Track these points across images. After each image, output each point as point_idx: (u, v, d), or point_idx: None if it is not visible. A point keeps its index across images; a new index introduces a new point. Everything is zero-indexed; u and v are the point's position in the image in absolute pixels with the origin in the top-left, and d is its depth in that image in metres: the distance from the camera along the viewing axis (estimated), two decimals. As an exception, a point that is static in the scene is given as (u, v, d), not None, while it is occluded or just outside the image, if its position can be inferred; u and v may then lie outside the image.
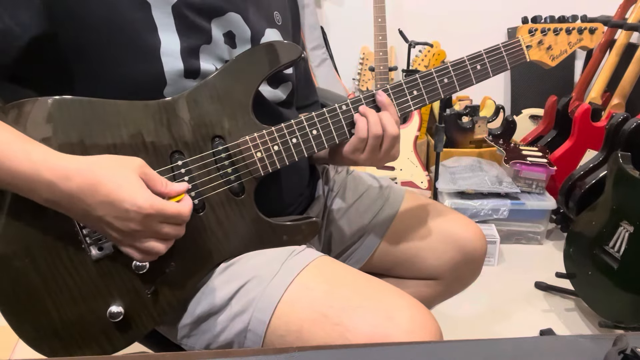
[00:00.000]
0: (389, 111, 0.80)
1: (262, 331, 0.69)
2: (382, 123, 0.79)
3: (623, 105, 2.08)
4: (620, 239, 1.42)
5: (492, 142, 2.23)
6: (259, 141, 0.75)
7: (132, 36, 0.69)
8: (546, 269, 1.80)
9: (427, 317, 0.69)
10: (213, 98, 0.73)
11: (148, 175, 0.64)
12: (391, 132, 0.79)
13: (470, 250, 0.97)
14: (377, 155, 0.81)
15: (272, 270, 0.73)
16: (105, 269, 0.69)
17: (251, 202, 0.76)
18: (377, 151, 0.80)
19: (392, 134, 0.79)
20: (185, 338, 0.76)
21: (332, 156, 0.88)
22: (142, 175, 0.63)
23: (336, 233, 0.99)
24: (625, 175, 1.43)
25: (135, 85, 0.70)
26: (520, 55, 0.88)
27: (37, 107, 0.65)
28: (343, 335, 0.66)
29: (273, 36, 0.85)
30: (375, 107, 0.81)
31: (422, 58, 2.45)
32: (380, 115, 0.79)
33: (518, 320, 1.64)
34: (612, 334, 0.53)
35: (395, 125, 0.79)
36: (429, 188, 2.13)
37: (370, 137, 0.79)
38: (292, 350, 0.53)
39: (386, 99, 0.80)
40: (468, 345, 0.54)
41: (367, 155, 0.80)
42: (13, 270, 0.66)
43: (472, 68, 0.85)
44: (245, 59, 0.76)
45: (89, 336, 0.70)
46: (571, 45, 0.90)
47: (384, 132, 0.79)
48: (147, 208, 0.61)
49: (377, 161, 0.82)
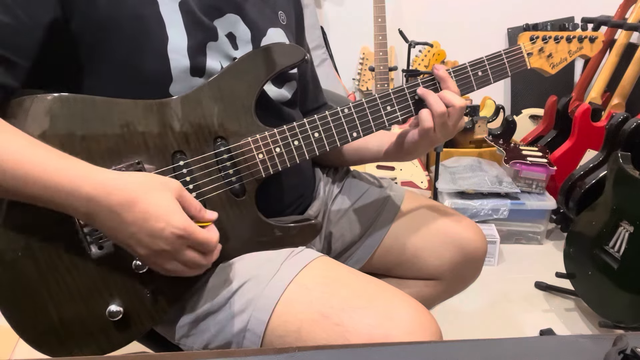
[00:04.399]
0: (448, 85, 0.81)
1: (261, 331, 0.69)
2: (447, 100, 0.80)
3: (623, 105, 2.08)
4: (620, 239, 1.42)
5: (492, 142, 2.23)
6: (261, 143, 0.75)
7: (140, 32, 0.69)
8: (546, 269, 1.80)
9: (427, 317, 0.69)
10: (216, 99, 0.73)
11: (184, 198, 0.64)
12: (458, 104, 0.80)
13: (470, 250, 0.97)
14: (448, 129, 0.82)
15: (271, 270, 0.73)
16: (105, 268, 0.69)
17: (252, 203, 0.76)
18: (447, 125, 0.81)
19: (460, 105, 0.80)
20: (184, 338, 0.76)
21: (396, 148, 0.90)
22: (179, 197, 0.63)
23: (336, 233, 0.99)
24: (625, 175, 1.43)
25: (141, 81, 0.70)
26: (521, 63, 0.88)
27: (37, 103, 0.65)
28: (343, 335, 0.66)
29: (276, 35, 0.85)
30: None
31: (422, 58, 2.45)
32: (442, 93, 0.81)
33: (518, 320, 1.64)
34: (612, 334, 0.53)
35: (459, 97, 0.81)
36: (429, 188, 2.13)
37: (436, 116, 0.80)
38: (292, 350, 0.53)
39: (443, 72, 0.82)
40: (468, 345, 0.54)
41: (439, 131, 0.81)
42: (13, 268, 0.66)
43: (473, 74, 0.85)
44: (249, 61, 0.76)
45: (88, 335, 0.70)
46: (571, 53, 0.92)
47: (450, 108, 0.80)
48: (180, 229, 0.61)
49: (449, 134, 0.83)
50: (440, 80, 0.82)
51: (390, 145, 0.92)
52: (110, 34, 0.68)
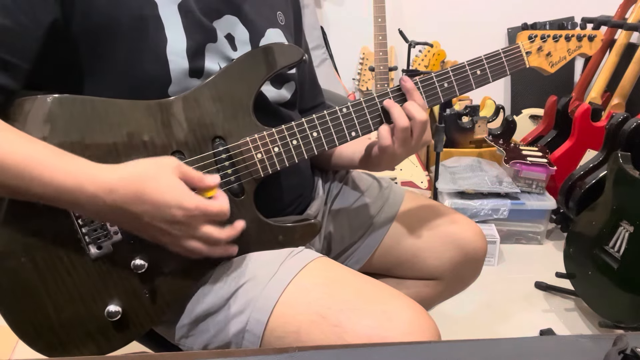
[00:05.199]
0: (414, 98, 0.80)
1: (260, 331, 0.69)
2: (408, 112, 0.78)
3: (623, 105, 2.08)
4: (620, 239, 1.42)
5: (492, 142, 2.23)
6: (260, 142, 0.75)
7: (139, 34, 0.69)
8: (546, 269, 1.80)
9: (426, 318, 0.69)
10: (214, 99, 0.73)
11: (184, 173, 0.65)
12: (420, 118, 0.78)
13: (470, 250, 0.97)
14: (409, 144, 0.80)
15: (271, 271, 0.73)
16: (103, 268, 0.69)
17: (251, 203, 0.76)
18: (409, 141, 0.80)
19: (421, 119, 0.78)
20: (183, 338, 0.76)
21: (365, 158, 0.89)
22: (180, 175, 0.64)
23: (336, 233, 0.99)
24: (625, 175, 1.42)
25: (140, 83, 0.70)
26: (520, 61, 0.88)
27: (37, 105, 0.65)
28: (341, 336, 0.66)
29: (275, 36, 0.85)
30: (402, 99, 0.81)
31: (422, 58, 2.45)
32: (406, 105, 0.79)
33: (518, 320, 1.64)
34: (612, 334, 0.53)
35: (422, 111, 0.79)
36: (429, 188, 2.12)
37: (397, 130, 0.78)
38: (292, 350, 0.52)
39: (410, 84, 0.80)
40: (468, 345, 0.54)
41: (399, 147, 0.80)
42: (11, 269, 0.66)
43: (472, 73, 0.85)
44: (247, 61, 0.76)
45: (87, 335, 0.70)
46: (570, 52, 0.91)
47: (412, 121, 0.78)
48: (193, 209, 0.62)
49: (411, 150, 0.82)
50: (406, 92, 0.80)
51: (361, 156, 0.91)
52: (109, 36, 0.68)
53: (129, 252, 0.69)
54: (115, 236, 0.69)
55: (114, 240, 0.69)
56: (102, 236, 0.68)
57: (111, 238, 0.69)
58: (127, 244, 0.69)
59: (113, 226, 0.68)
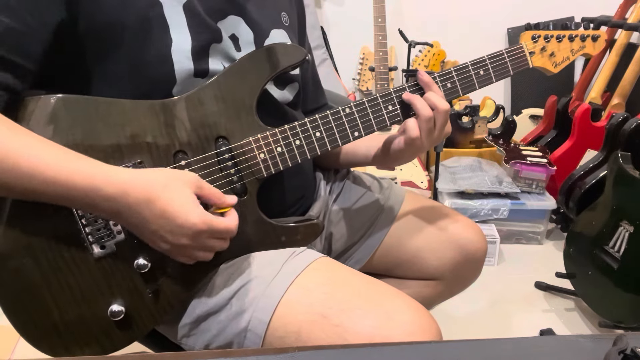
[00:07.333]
0: (432, 89, 0.81)
1: (262, 331, 0.69)
2: (431, 102, 0.80)
3: (623, 105, 2.08)
4: (620, 239, 1.42)
5: (492, 142, 2.23)
6: (262, 142, 0.75)
7: (144, 34, 0.69)
8: (546, 269, 1.80)
9: (427, 318, 0.69)
10: (217, 99, 0.73)
11: (203, 190, 0.66)
12: (442, 107, 0.79)
13: (470, 251, 0.97)
14: (433, 135, 0.81)
15: (273, 270, 0.73)
16: (107, 268, 0.69)
17: (254, 203, 0.76)
18: (432, 131, 0.81)
19: (444, 108, 0.80)
20: (185, 338, 0.76)
21: (382, 153, 0.90)
22: (197, 189, 0.65)
23: (337, 233, 0.99)
24: (625, 175, 1.43)
25: (145, 83, 0.70)
26: (523, 62, 0.88)
27: (40, 105, 0.65)
28: (342, 336, 0.66)
29: (279, 36, 0.85)
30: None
31: (422, 58, 2.45)
32: (426, 96, 0.80)
33: (518, 320, 1.64)
34: (612, 334, 0.53)
35: (444, 100, 0.81)
36: (429, 188, 2.13)
37: (422, 121, 0.79)
38: (292, 350, 0.53)
39: (427, 78, 0.81)
40: (468, 345, 0.54)
41: (425, 138, 0.81)
42: (15, 269, 0.66)
43: (475, 73, 0.85)
44: (250, 61, 0.76)
45: (90, 334, 0.70)
46: (573, 52, 0.91)
47: (434, 110, 0.79)
48: (199, 225, 0.63)
49: (434, 141, 0.83)
50: (424, 85, 0.82)
51: (377, 151, 0.92)
52: (114, 36, 0.68)
53: (132, 252, 0.70)
54: (118, 236, 0.69)
55: (117, 240, 0.69)
56: (105, 236, 0.68)
57: (114, 238, 0.69)
58: (131, 244, 0.69)
59: (116, 226, 0.69)
